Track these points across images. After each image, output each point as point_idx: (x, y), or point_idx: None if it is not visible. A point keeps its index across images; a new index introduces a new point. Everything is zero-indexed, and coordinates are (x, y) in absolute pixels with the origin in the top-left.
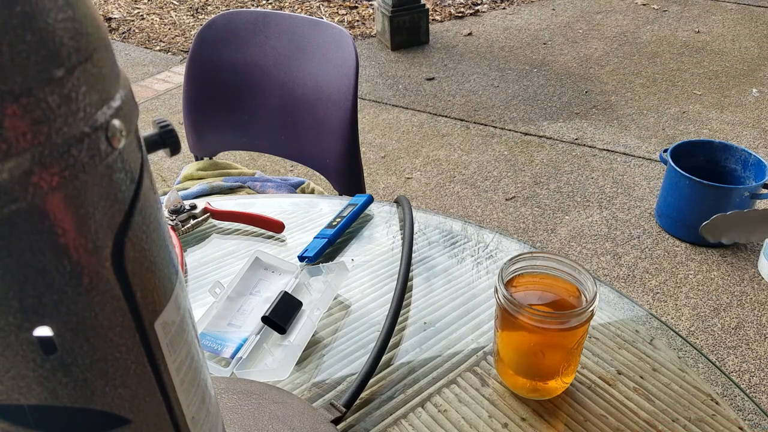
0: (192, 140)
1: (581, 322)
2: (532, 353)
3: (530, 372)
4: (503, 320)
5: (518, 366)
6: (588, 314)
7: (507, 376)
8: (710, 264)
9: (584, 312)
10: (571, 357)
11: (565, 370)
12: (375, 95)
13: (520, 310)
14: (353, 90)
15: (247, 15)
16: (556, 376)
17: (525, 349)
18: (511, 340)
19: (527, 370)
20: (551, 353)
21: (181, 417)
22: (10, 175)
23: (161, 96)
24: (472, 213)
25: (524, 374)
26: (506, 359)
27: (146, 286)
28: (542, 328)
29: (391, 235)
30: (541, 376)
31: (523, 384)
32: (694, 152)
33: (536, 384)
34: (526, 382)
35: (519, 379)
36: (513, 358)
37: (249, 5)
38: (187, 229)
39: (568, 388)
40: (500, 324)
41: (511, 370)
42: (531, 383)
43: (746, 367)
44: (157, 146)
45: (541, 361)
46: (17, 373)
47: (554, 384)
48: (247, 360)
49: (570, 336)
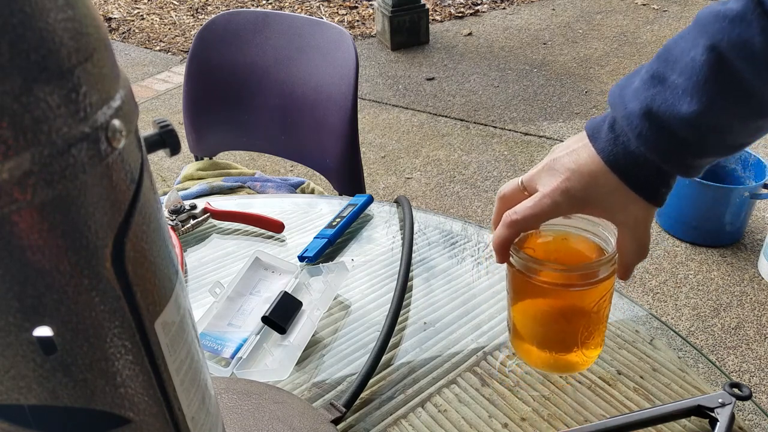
0: (192, 140)
1: (607, 275)
2: (552, 320)
3: (551, 343)
4: (519, 288)
5: (537, 337)
6: (614, 263)
7: (525, 351)
8: (710, 264)
9: (610, 260)
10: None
11: (589, 341)
12: (375, 95)
13: (540, 268)
14: (353, 90)
15: (247, 15)
16: (579, 347)
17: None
18: (528, 309)
19: (547, 342)
20: (574, 318)
21: (181, 417)
22: (10, 175)
23: (161, 96)
24: (472, 213)
25: (544, 346)
26: (524, 332)
27: (146, 286)
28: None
29: (391, 236)
30: (563, 346)
31: (544, 358)
32: None
33: (558, 357)
34: (548, 356)
35: (539, 352)
36: (531, 330)
37: (249, 5)
38: (187, 229)
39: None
40: (515, 294)
41: (530, 344)
42: (552, 356)
43: (746, 367)
44: (157, 146)
45: (563, 329)
46: (17, 373)
47: (577, 358)
48: (247, 360)
49: (593, 293)
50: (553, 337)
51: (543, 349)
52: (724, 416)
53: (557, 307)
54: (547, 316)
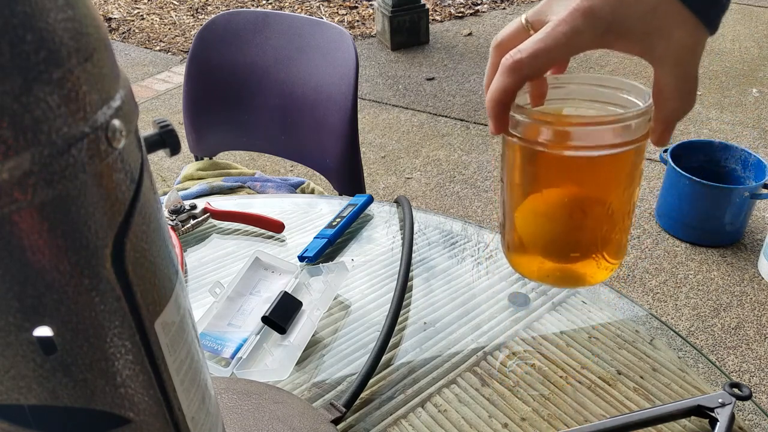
0: (192, 140)
1: (642, 134)
2: (567, 211)
3: (563, 246)
4: (522, 170)
5: (545, 240)
6: (650, 118)
7: (526, 263)
8: (710, 264)
9: (646, 112)
10: (620, 213)
11: (612, 238)
12: (375, 95)
13: (556, 125)
14: (353, 90)
15: (247, 15)
16: (599, 250)
17: (556, 207)
18: (533, 201)
19: (559, 244)
20: (596, 205)
21: (181, 417)
22: (10, 175)
23: (161, 96)
24: (472, 213)
25: (554, 252)
26: (526, 234)
27: (146, 286)
28: (586, 158)
29: (391, 236)
30: (579, 248)
31: (552, 269)
32: (694, 152)
33: (571, 267)
34: (557, 266)
35: (546, 262)
36: (536, 229)
37: (249, 5)
38: (187, 229)
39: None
40: (516, 180)
41: (533, 252)
42: (563, 266)
43: (746, 367)
44: (157, 146)
45: (579, 223)
46: (17, 373)
47: (595, 265)
48: (247, 360)
49: (624, 162)
50: (567, 236)
51: (552, 255)
52: (724, 416)
53: (575, 188)
54: (560, 205)
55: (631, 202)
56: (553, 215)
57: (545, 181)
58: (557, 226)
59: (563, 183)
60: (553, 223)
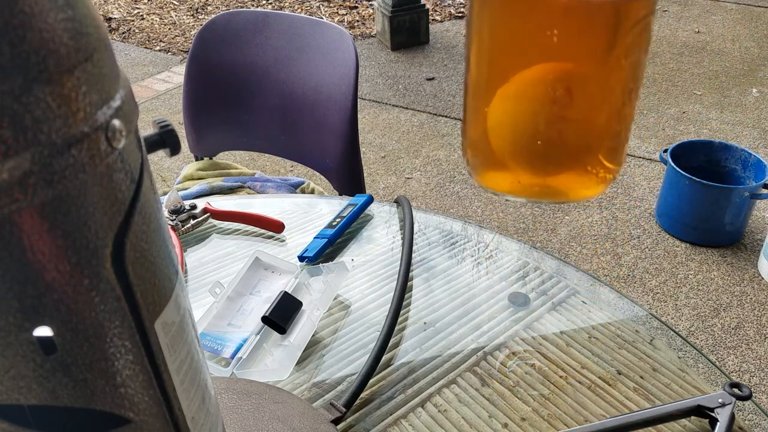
0: (192, 140)
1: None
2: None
3: (542, 147)
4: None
5: (523, 134)
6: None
7: (498, 168)
8: (710, 264)
9: None
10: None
11: (610, 133)
12: (375, 95)
13: None
14: (353, 90)
15: (247, 15)
16: (593, 148)
17: (537, 85)
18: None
19: (536, 144)
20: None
21: (181, 417)
22: (10, 175)
23: (161, 96)
24: (472, 213)
25: (533, 152)
26: (495, 127)
27: (146, 286)
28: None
29: (391, 236)
30: (565, 152)
31: (527, 182)
32: (694, 152)
33: (555, 172)
34: (533, 179)
35: (516, 171)
36: (511, 120)
37: (249, 5)
38: (187, 229)
39: (566, 384)
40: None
41: (509, 152)
42: (545, 173)
43: (746, 367)
44: (157, 146)
45: (564, 112)
46: (17, 373)
47: (586, 170)
48: (247, 360)
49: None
50: (551, 128)
51: (534, 156)
52: (724, 416)
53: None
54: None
55: (637, 79)
56: (534, 99)
57: (526, 49)
58: (539, 115)
59: (550, 51)
60: (533, 112)
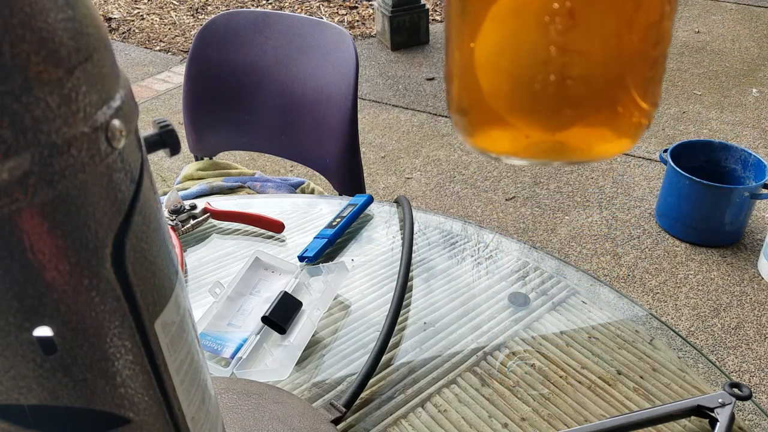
0: (192, 140)
1: None
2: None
3: (555, 84)
4: None
5: (517, 70)
6: None
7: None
8: (710, 264)
9: None
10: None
11: (641, 61)
12: (375, 95)
13: None
14: (353, 90)
15: (247, 15)
16: (624, 82)
17: (539, 8)
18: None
19: (547, 79)
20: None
21: (181, 417)
22: (10, 175)
23: (161, 96)
24: (472, 213)
25: (537, 98)
26: (486, 64)
27: (146, 286)
28: None
29: (391, 236)
30: (586, 86)
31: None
32: (694, 152)
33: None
34: (543, 131)
35: (521, 122)
36: (501, 50)
37: (249, 5)
38: (187, 229)
39: (565, 386)
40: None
41: (497, 99)
42: (557, 124)
43: (746, 367)
44: (157, 146)
45: (582, 29)
46: (17, 373)
47: (614, 121)
48: (247, 360)
49: None
50: (562, 60)
51: (545, 100)
52: (724, 416)
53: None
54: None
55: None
56: (540, 12)
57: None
58: (546, 36)
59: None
60: (538, 33)
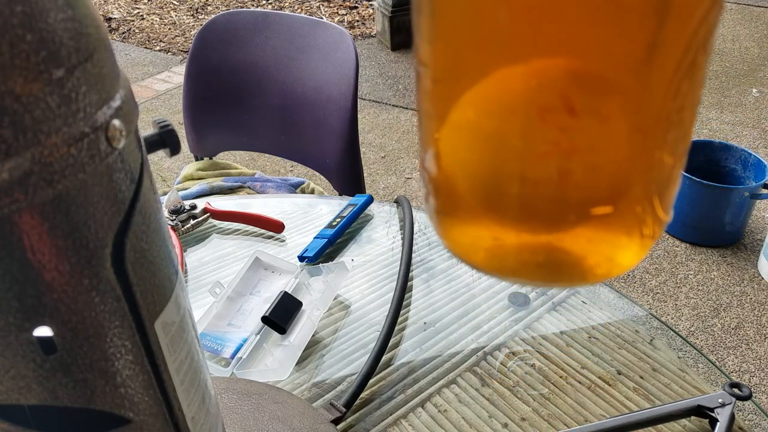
0: (192, 140)
1: None
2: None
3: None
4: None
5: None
6: None
7: (466, 227)
8: (710, 264)
9: None
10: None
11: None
12: (375, 95)
13: None
14: (353, 90)
15: (247, 15)
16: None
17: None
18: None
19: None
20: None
21: (181, 417)
22: (10, 175)
23: (161, 96)
24: None
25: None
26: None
27: (146, 286)
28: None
29: (391, 236)
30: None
31: (525, 243)
32: (694, 152)
33: (557, 238)
34: (532, 238)
35: (507, 230)
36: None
37: (249, 5)
38: (187, 229)
39: (565, 386)
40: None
41: (479, 202)
42: (545, 238)
43: (746, 367)
44: (157, 146)
45: (587, 127)
46: (17, 373)
47: (628, 231)
48: (247, 360)
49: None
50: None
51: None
52: (724, 416)
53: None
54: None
55: (696, 86)
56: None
57: (504, 41)
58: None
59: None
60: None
